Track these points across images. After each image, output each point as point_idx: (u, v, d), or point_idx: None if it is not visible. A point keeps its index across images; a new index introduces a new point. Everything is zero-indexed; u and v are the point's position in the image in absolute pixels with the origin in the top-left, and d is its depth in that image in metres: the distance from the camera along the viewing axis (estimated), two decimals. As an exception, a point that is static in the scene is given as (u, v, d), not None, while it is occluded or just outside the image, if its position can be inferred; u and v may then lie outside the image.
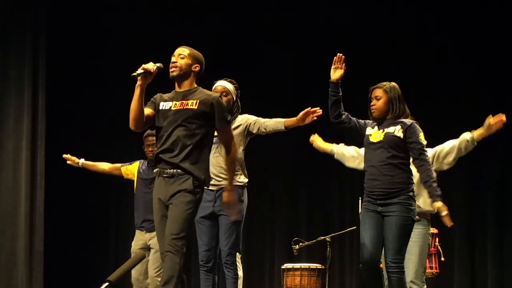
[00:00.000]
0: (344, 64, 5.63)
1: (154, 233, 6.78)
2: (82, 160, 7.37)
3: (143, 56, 7.95)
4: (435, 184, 5.44)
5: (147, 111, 5.16)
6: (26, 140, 8.70)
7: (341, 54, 5.65)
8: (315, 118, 5.91)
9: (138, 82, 5.04)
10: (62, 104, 9.29)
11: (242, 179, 5.97)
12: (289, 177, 9.39)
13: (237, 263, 5.91)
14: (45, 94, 8.92)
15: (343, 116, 5.65)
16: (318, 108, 5.90)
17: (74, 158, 7.36)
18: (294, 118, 5.93)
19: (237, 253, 5.91)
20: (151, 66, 5.07)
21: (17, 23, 8.80)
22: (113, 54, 9.51)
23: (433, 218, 6.18)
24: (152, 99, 5.26)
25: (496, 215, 8.59)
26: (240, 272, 5.94)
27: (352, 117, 5.69)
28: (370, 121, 5.68)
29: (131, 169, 7.28)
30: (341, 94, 5.64)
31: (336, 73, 5.64)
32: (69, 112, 9.38)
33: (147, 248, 7.04)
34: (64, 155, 7.34)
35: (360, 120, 5.69)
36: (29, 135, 8.73)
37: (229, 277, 5.88)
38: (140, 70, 5.04)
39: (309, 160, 9.37)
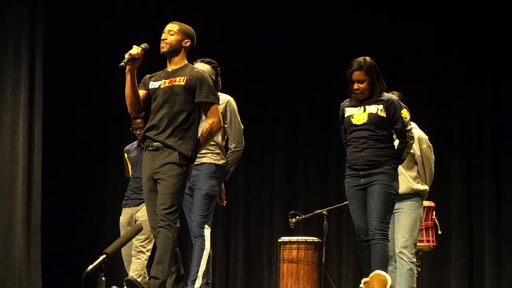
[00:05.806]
0: None
1: (140, 206, 6.81)
2: None
3: (144, 25, 7.79)
4: (398, 163, 5.52)
5: (141, 93, 5.19)
6: (23, 113, 8.67)
7: None
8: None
9: (127, 68, 5.05)
10: (59, 77, 9.25)
11: (219, 159, 6.01)
12: (286, 151, 9.37)
13: (205, 235, 5.92)
14: (42, 67, 8.88)
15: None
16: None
17: None
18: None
19: (206, 226, 5.93)
20: (136, 50, 5.07)
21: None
22: (112, 25, 9.47)
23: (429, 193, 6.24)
24: (142, 80, 5.27)
25: (493, 188, 8.58)
26: (208, 245, 5.94)
27: (346, 137, 5.62)
28: (345, 102, 5.61)
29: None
30: None
31: None
32: (66, 84, 9.34)
33: (134, 221, 7.01)
34: None
35: (341, 122, 5.63)
36: (26, 109, 8.70)
37: (196, 247, 5.92)
38: (126, 57, 5.04)
39: (306, 133, 9.36)
